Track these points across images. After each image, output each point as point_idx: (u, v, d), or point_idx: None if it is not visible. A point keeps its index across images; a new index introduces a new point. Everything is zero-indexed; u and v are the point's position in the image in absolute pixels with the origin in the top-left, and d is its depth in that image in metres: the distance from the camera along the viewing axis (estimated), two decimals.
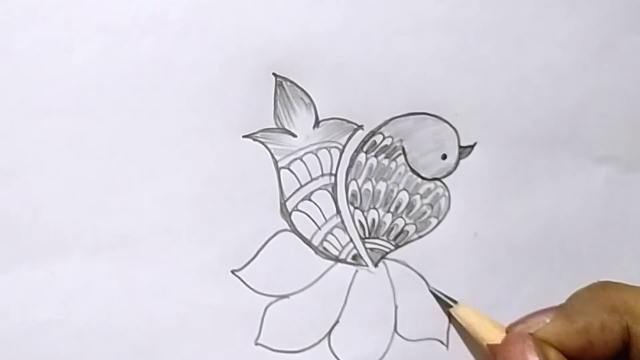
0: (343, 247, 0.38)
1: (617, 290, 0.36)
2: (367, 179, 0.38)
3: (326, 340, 0.38)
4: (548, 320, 0.35)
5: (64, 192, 0.36)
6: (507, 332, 0.37)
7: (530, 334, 0.35)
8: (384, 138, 0.38)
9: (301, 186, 0.38)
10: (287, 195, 0.38)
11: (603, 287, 0.36)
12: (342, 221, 0.38)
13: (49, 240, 0.36)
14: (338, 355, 0.38)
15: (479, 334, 0.37)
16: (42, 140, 0.36)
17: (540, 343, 0.35)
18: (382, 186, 0.39)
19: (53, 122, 0.36)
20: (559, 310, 0.36)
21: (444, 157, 0.39)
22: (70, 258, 0.36)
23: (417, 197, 0.39)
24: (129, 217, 0.36)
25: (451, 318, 0.39)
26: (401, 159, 0.39)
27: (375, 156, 0.38)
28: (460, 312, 0.38)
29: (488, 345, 0.36)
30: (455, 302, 0.38)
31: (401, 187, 0.39)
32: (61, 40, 0.36)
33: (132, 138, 0.36)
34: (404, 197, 0.39)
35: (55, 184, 0.36)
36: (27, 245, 0.36)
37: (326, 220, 0.38)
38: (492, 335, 0.36)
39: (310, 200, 0.38)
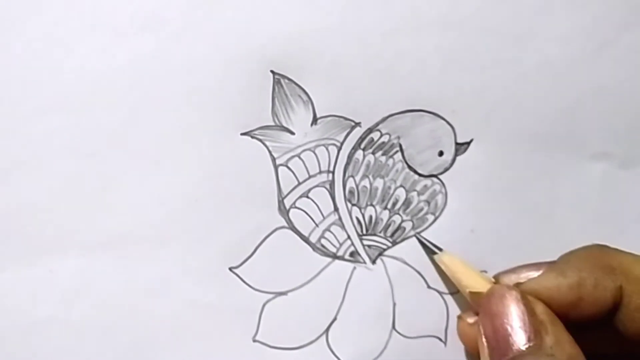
0: (341, 244, 0.38)
1: (614, 252, 0.35)
2: (365, 176, 0.38)
3: (324, 337, 0.38)
4: (540, 273, 0.35)
5: (62, 190, 0.36)
6: (494, 281, 0.36)
7: (518, 287, 0.34)
8: (382, 135, 0.38)
9: (299, 183, 0.38)
10: (284, 192, 0.38)
11: (600, 248, 0.36)
12: (340, 218, 0.38)
13: (47, 238, 0.36)
14: (336, 352, 0.38)
15: (462, 282, 0.35)
16: (39, 138, 0.36)
17: (527, 296, 0.34)
18: (379, 183, 0.39)
19: (50, 120, 0.36)
20: (552, 264, 0.35)
21: (441, 153, 0.39)
22: (68, 256, 0.36)
23: (414, 193, 0.39)
24: (127, 214, 0.37)
25: (437, 267, 0.38)
26: (398, 155, 0.39)
27: (373, 153, 0.38)
28: (445, 259, 0.37)
29: (470, 293, 0.35)
30: (440, 249, 0.38)
31: (398, 184, 0.39)
32: (59, 38, 0.36)
33: (130, 136, 0.36)
34: (401, 193, 0.39)
35: (52, 182, 0.36)
36: (25, 243, 0.36)
37: (324, 218, 0.38)
38: (477, 285, 0.35)
39: (307, 197, 0.38)
